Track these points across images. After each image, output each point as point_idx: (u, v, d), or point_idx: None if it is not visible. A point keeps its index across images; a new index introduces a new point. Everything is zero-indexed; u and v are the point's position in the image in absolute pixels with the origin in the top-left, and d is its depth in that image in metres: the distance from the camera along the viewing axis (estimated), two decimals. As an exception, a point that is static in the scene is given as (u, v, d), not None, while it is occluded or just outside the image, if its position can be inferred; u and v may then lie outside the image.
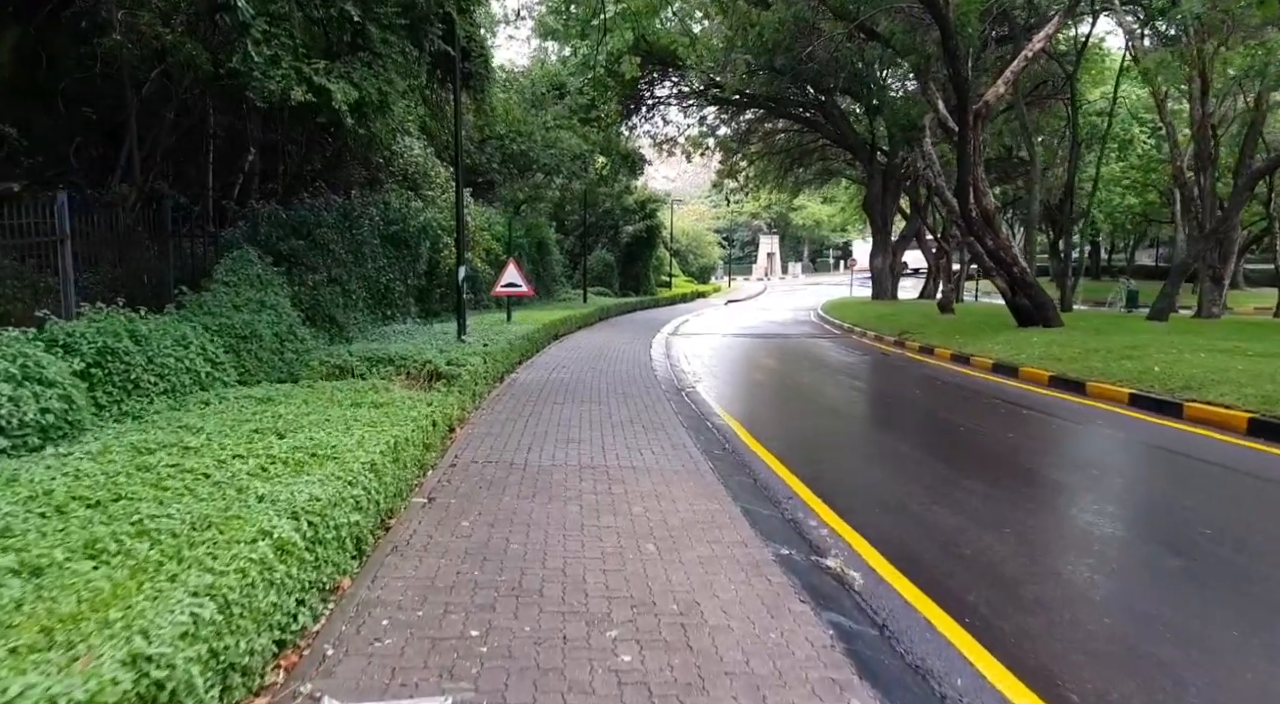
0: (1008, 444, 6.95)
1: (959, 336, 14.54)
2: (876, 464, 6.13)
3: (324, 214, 12.08)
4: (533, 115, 22.05)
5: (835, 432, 7.66)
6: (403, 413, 5.15)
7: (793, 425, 7.93)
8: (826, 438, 7.36)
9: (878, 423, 8.16)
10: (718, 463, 5.81)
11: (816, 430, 7.72)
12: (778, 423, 8.03)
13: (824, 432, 7.64)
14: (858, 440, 7.14)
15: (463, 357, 8.43)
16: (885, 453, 6.59)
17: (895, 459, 6.35)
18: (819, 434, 7.53)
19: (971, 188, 13.29)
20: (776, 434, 7.27)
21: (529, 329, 13.22)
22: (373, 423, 4.69)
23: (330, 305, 11.41)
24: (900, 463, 6.19)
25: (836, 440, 7.24)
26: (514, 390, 9.07)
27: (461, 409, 6.99)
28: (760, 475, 5.71)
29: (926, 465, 6.08)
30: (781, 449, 6.52)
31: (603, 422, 7.17)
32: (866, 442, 7.00)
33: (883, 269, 27.45)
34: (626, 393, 8.98)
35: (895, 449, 6.74)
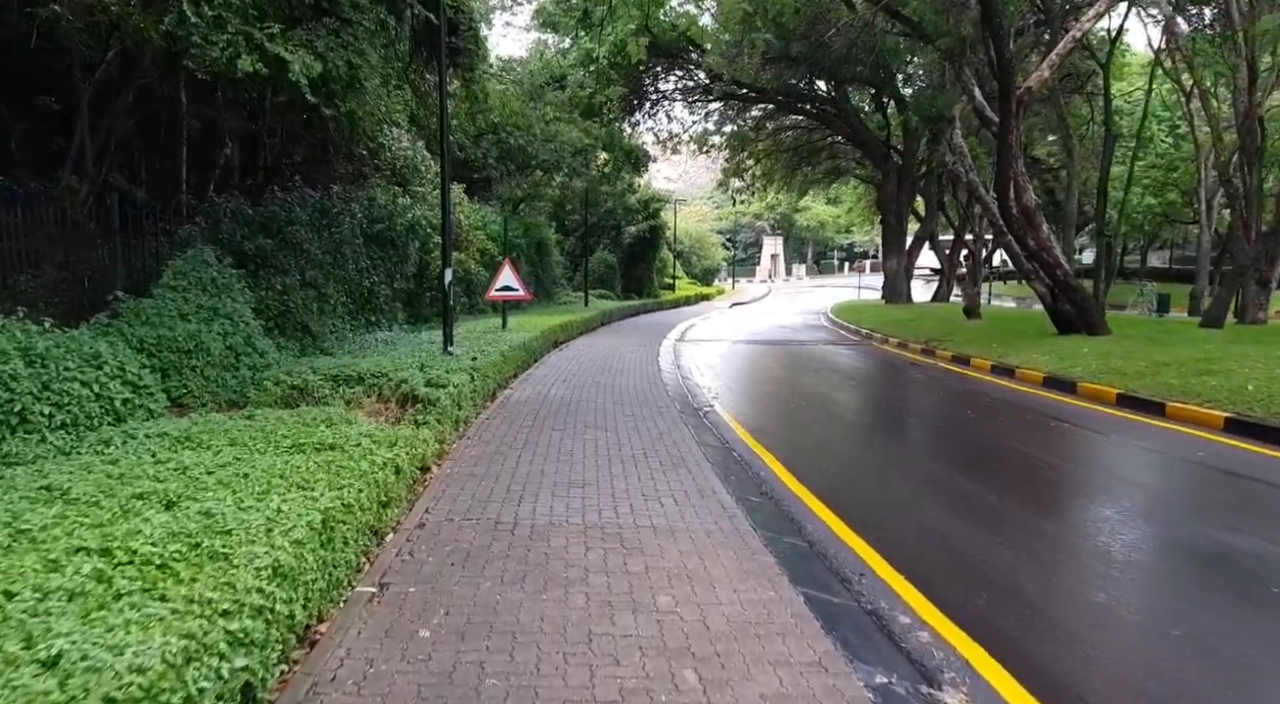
0: (1114, 489, 5.73)
1: (996, 345, 13.32)
2: (957, 516, 4.92)
3: (297, 210, 10.90)
4: (531, 107, 20.86)
5: (891, 467, 6.41)
6: (353, 463, 3.92)
7: (837, 458, 6.70)
8: (884, 477, 6.09)
9: (938, 455, 6.93)
10: (757, 516, 4.60)
11: (869, 466, 6.45)
12: (817, 453, 6.80)
13: (878, 468, 6.38)
14: (921, 479, 5.93)
15: (446, 374, 7.22)
16: (957, 497, 5.37)
17: (974, 507, 5.14)
18: (873, 471, 6.27)
19: (1012, 182, 12.07)
20: (818, 469, 6.05)
21: (526, 337, 12.02)
22: (307, 481, 3.48)
23: (302, 312, 10.22)
24: (984, 514, 4.97)
25: (897, 480, 5.98)
26: (507, 411, 7.86)
27: (441, 442, 5.79)
28: (814, 534, 4.50)
29: (1019, 519, 4.87)
30: (831, 493, 5.30)
31: (611, 455, 5.95)
32: (933, 482, 5.79)
33: (897, 271, 26.25)
34: (637, 415, 7.76)
35: (966, 491, 5.53)
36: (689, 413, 8.22)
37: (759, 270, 67.52)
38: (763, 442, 6.94)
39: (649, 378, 10.80)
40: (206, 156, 12.41)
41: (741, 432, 7.42)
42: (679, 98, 29.13)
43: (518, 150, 20.67)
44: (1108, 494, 5.48)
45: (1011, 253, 13.63)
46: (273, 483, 3.39)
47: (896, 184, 25.39)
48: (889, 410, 9.11)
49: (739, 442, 7.01)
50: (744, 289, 53.48)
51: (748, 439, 7.08)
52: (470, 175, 20.07)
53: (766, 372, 12.70)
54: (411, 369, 7.53)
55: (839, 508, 4.94)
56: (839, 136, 30.21)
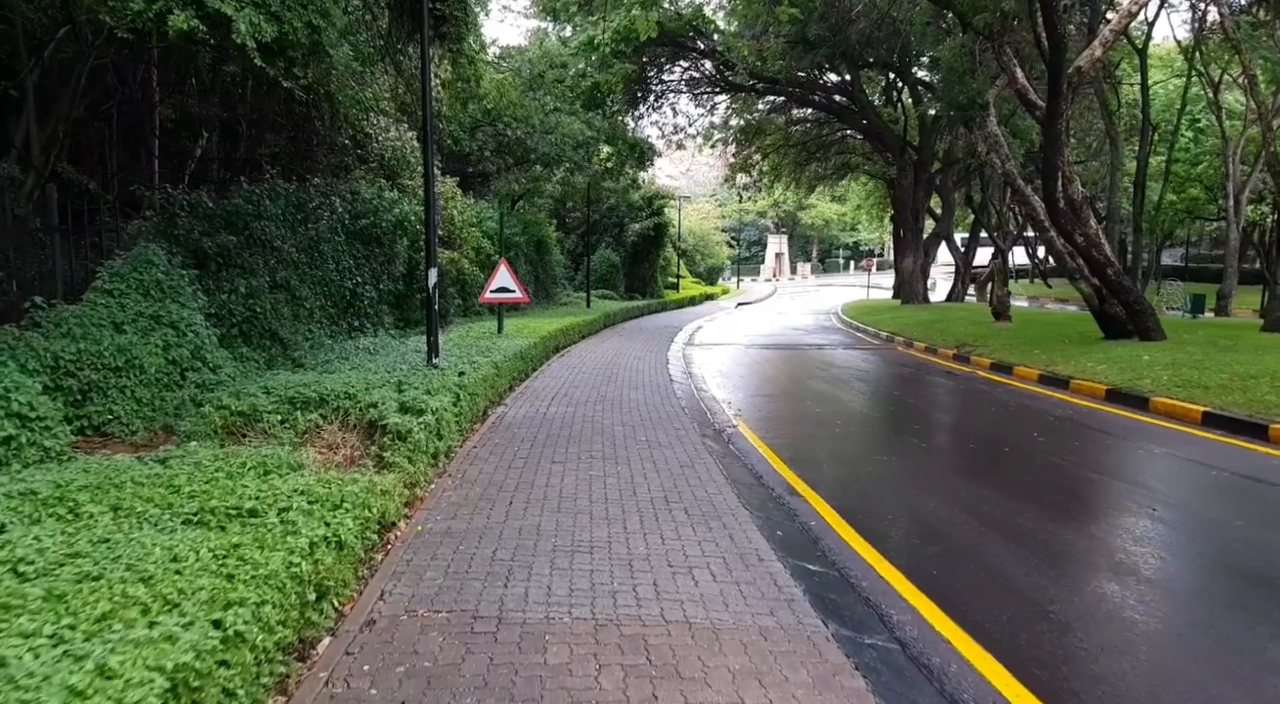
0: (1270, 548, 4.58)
1: (1038, 351, 12.16)
2: (1124, 607, 3.77)
3: (267, 204, 9.77)
4: (530, 98, 19.68)
5: (975, 516, 5.19)
6: (268, 550, 2.76)
7: (901, 501, 5.51)
8: (975, 534, 4.78)
9: (1026, 495, 5.74)
10: (824, 599, 3.45)
11: (948, 515, 4.98)
12: (873, 493, 5.63)
13: (960, 518, 5.03)
14: (1021, 537, 4.76)
15: (427, 395, 6.07)
16: (1094, 568, 4.22)
17: (1125, 582, 3.98)
18: (957, 524, 4.83)
19: (1060, 173, 10.91)
20: (880, 517, 4.89)
21: (523, 344, 10.87)
22: (183, 590, 2.33)
23: (271, 318, 9.09)
24: (1159, 605, 3.82)
25: (995, 542, 4.74)
26: (499, 435, 6.71)
27: (413, 486, 4.63)
28: (908, 630, 3.33)
29: (1189, 603, 3.71)
30: (914, 562, 4.14)
31: (625, 499, 4.80)
32: (1037, 540, 4.64)
33: (913, 270, 25.05)
34: (651, 440, 6.61)
35: (1083, 556, 4.37)
36: (710, 435, 7.07)
37: (763, 269, 66.29)
38: (801, 474, 5.79)
39: (660, 390, 9.66)
40: (183, 148, 11.33)
41: (774, 460, 6.26)
42: (684, 90, 27.96)
43: (516, 143, 19.50)
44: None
45: (1054, 250, 12.45)
46: (127, 597, 2.23)
47: (913, 179, 24.21)
48: (944, 432, 7.95)
49: (773, 474, 5.85)
50: (749, 288, 52.31)
51: (783, 471, 5.92)
52: (465, 169, 18.91)
53: (788, 381, 11.54)
54: (386, 388, 6.38)
55: (931, 587, 3.77)
56: (851, 130, 29.04)
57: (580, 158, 21.02)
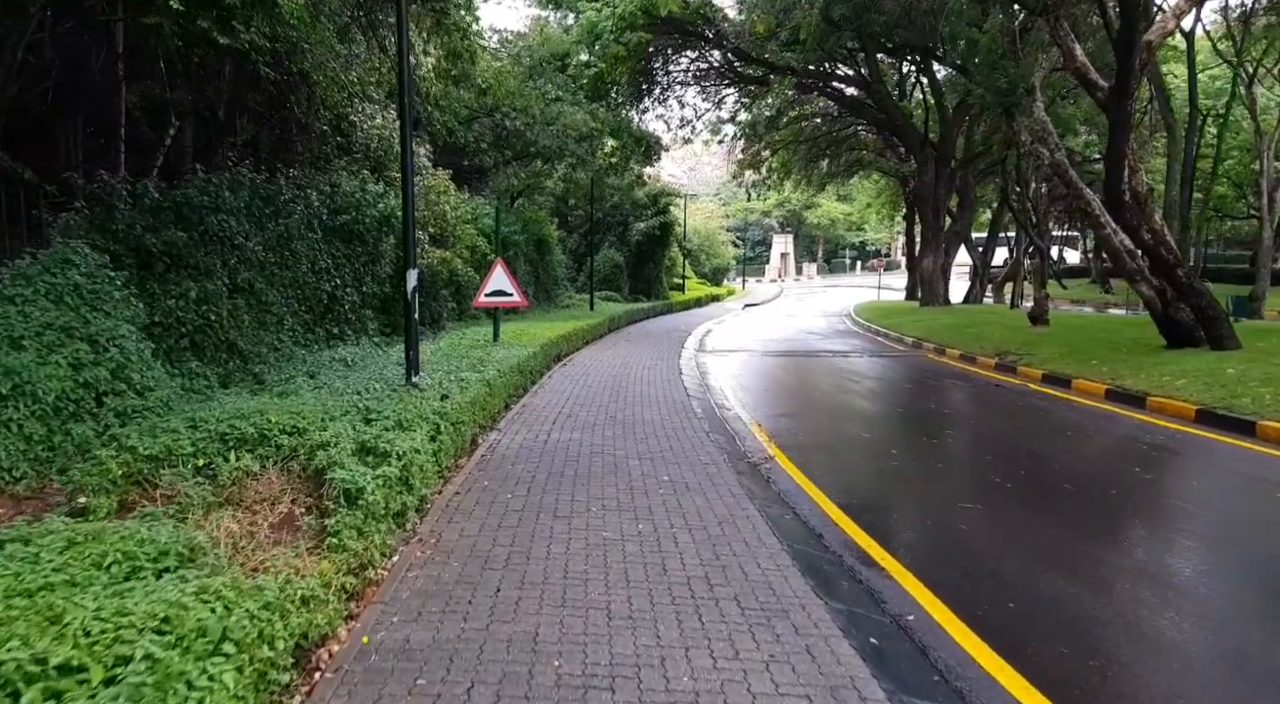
0: None
1: (1095, 361, 10.90)
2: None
3: (226, 195, 8.53)
4: (530, 86, 18.44)
5: (1148, 607, 3.93)
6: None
7: (1017, 573, 4.23)
8: (1179, 652, 3.51)
9: (1203, 579, 4.45)
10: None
11: (1106, 606, 3.67)
12: (978, 566, 4.36)
13: (1127, 609, 3.75)
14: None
15: (397, 427, 4.82)
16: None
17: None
18: (1125, 617, 3.56)
19: (1126, 161, 9.65)
20: (1008, 605, 3.64)
21: (521, 354, 9.62)
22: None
23: (229, 326, 7.85)
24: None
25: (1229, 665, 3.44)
26: (489, 475, 5.45)
27: (363, 569, 3.38)
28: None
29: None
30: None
31: (652, 585, 3.54)
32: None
33: (933, 270, 23.76)
34: (677, 480, 5.35)
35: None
36: (745, 472, 5.82)
37: (768, 269, 64.96)
38: (871, 530, 4.53)
39: (677, 408, 8.40)
40: (153, 138, 10.16)
41: (831, 509, 5.00)
42: (691, 82, 26.70)
43: (515, 135, 18.26)
44: None
45: (1110, 247, 11.18)
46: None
47: (934, 174, 22.93)
48: (1024, 464, 6.67)
49: (835, 532, 4.59)
50: (755, 289, 51.05)
51: (847, 526, 4.66)
52: (461, 162, 17.66)
53: (818, 396, 10.27)
54: (348, 418, 5.13)
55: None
56: (865, 125, 27.80)
57: (584, 152, 19.76)
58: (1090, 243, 47.81)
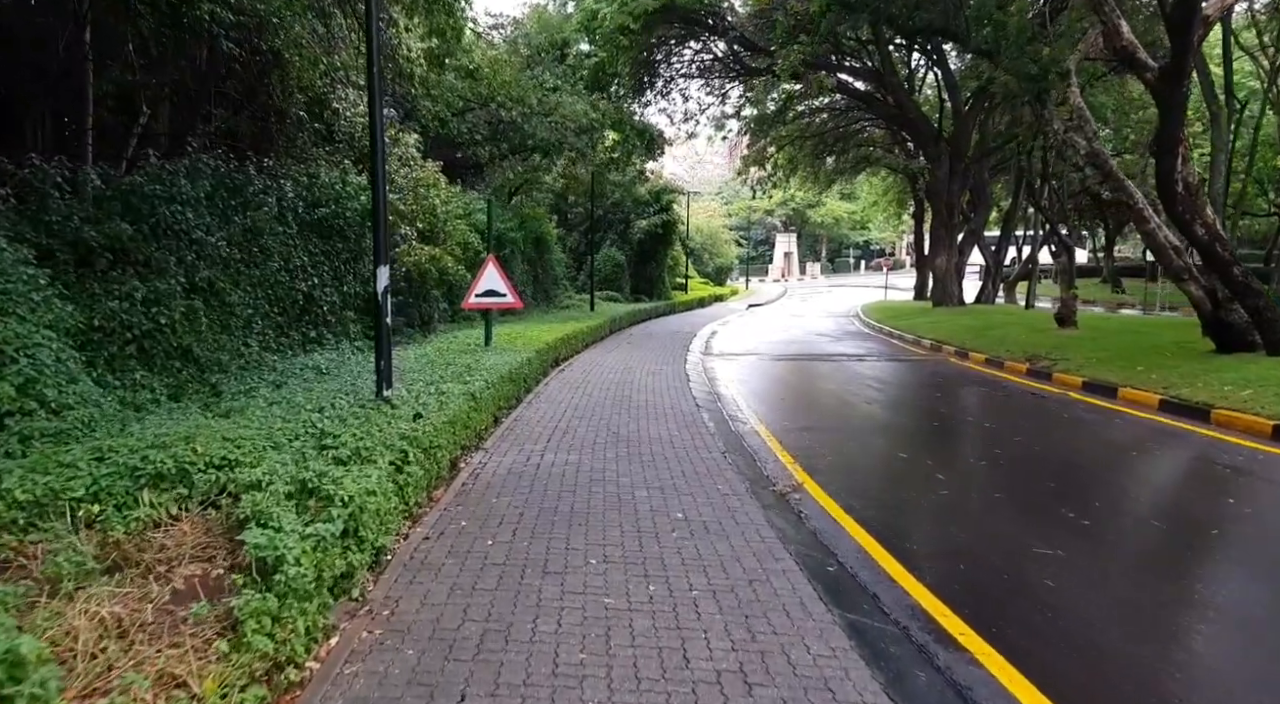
0: None
1: (1140, 367, 10.00)
2: None
3: (183, 184, 7.66)
4: (528, 76, 17.56)
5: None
6: None
7: (1167, 668, 3.32)
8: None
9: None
10: None
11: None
12: (1096, 657, 3.46)
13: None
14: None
15: (353, 458, 3.94)
16: None
17: None
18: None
19: (1180, 148, 8.75)
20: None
21: (514, 361, 8.74)
22: None
23: (183, 330, 6.97)
24: None
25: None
26: (467, 513, 4.56)
27: (280, 667, 2.50)
28: None
29: None
30: None
31: (672, 693, 2.65)
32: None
33: (947, 269, 22.87)
34: (693, 519, 4.47)
35: None
36: (772, 505, 4.93)
37: (772, 269, 64.00)
38: (940, 591, 3.64)
39: (687, 421, 7.52)
40: (122, 126, 9.32)
41: (883, 557, 4.11)
42: (695, 75, 25.80)
43: (511, 127, 17.36)
44: None
45: (1155, 244, 10.29)
46: None
47: (948, 170, 22.02)
48: (1101, 496, 5.77)
49: (895, 593, 3.70)
50: (758, 289, 50.15)
51: (908, 584, 3.76)
52: (453, 155, 16.77)
53: (838, 406, 9.38)
54: (296, 445, 4.25)
55: None
56: (876, 119, 26.90)
57: (583, 145, 18.87)
58: (1099, 242, 46.86)
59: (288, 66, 9.63)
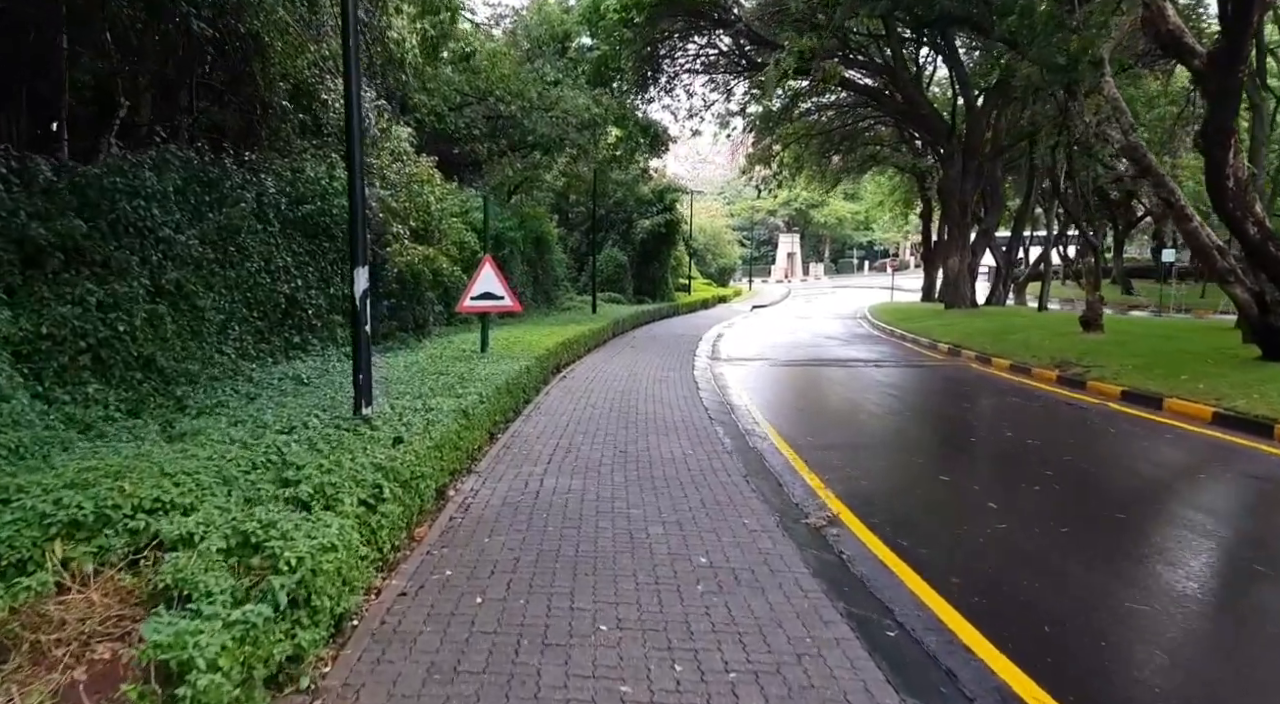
0: None
1: (1183, 376, 9.33)
2: None
3: (148, 176, 6.99)
4: (528, 70, 16.90)
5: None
6: None
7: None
8: None
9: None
10: None
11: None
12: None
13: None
14: None
15: (317, 497, 3.27)
16: None
17: None
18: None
19: (1231, 140, 8.08)
20: None
21: (512, 370, 8.06)
22: None
23: (145, 338, 6.31)
24: None
25: None
26: (452, 557, 3.88)
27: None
28: None
29: None
30: None
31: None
32: None
33: (959, 270, 22.20)
34: (720, 567, 3.79)
35: None
36: (808, 541, 4.26)
37: (774, 269, 63.33)
38: (1035, 673, 2.96)
39: (701, 437, 6.84)
40: (101, 118, 8.68)
41: (954, 620, 3.44)
42: (700, 71, 25.12)
43: (510, 122, 16.71)
44: None
45: (1197, 244, 9.61)
46: None
47: (961, 168, 21.35)
48: (1178, 537, 5.09)
49: (967, 663, 3.03)
50: (761, 290, 49.53)
51: (992, 658, 3.09)
52: (450, 151, 16.10)
53: (863, 418, 8.71)
54: (250, 480, 3.58)
55: None
56: (886, 116, 26.23)
57: (585, 141, 18.21)
58: (1108, 242, 46.17)
59: (269, 52, 8.97)
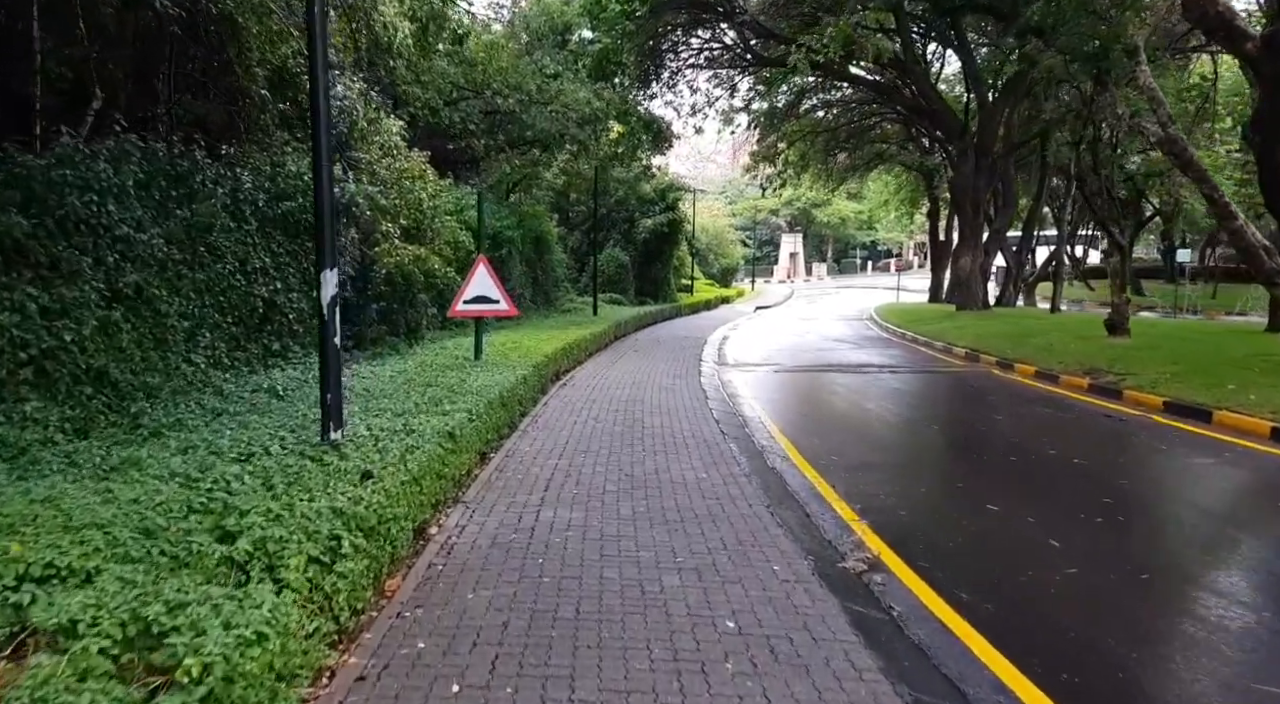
0: None
1: (1232, 386, 8.68)
2: None
3: (104, 168, 6.33)
4: (527, 62, 16.25)
5: None
6: None
7: None
8: None
9: None
10: None
11: None
12: None
13: None
14: None
15: (256, 557, 2.61)
16: None
17: None
18: None
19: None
20: None
21: (507, 382, 7.40)
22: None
23: (97, 349, 5.66)
24: None
25: None
26: (427, 623, 3.22)
27: None
28: None
29: None
30: None
31: None
32: None
33: (972, 271, 21.54)
34: (748, 629, 3.14)
35: None
36: (852, 596, 3.61)
37: (777, 270, 62.68)
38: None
39: (715, 458, 6.18)
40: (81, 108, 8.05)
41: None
42: (704, 66, 24.48)
43: (509, 118, 16.05)
44: None
45: (1243, 243, 8.97)
46: None
47: (974, 165, 20.69)
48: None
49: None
50: (764, 290, 48.88)
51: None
52: (445, 147, 15.45)
53: (889, 435, 8.05)
54: (171, 535, 2.92)
55: None
56: (891, 111, 25.57)
57: (586, 137, 17.54)
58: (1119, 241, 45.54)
59: (244, 36, 8.32)
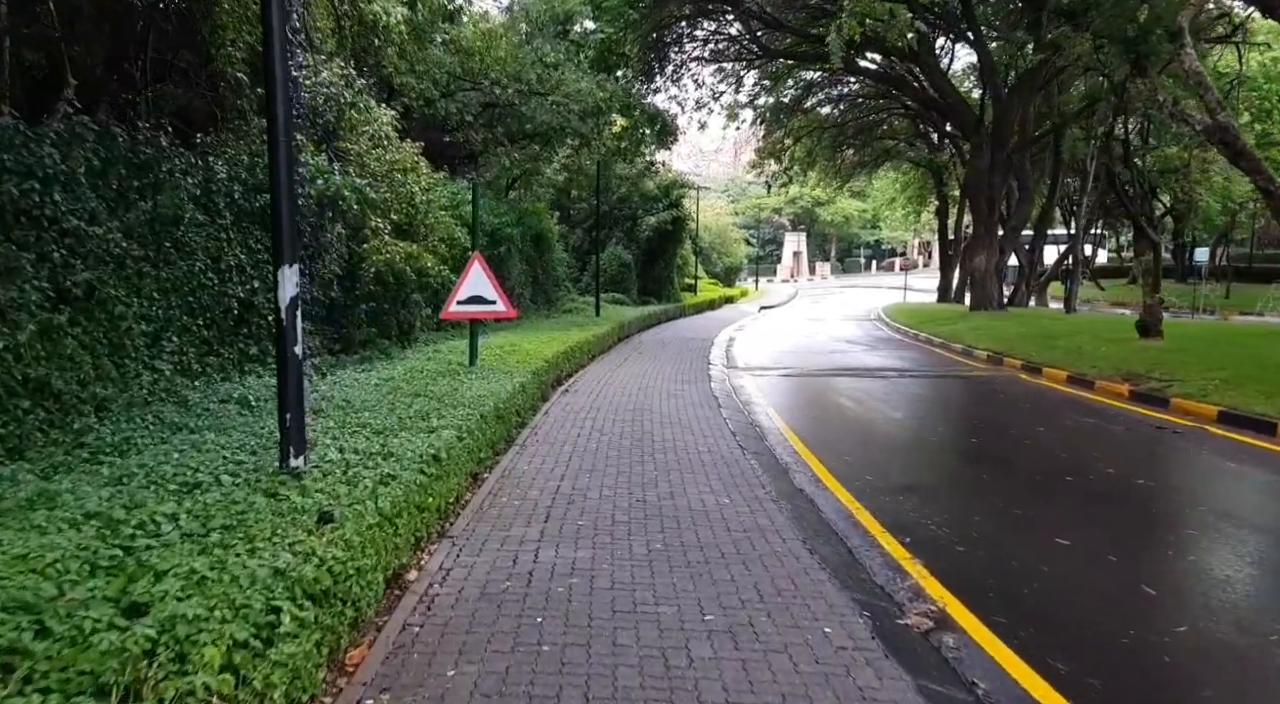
0: None
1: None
2: None
3: (49, 154, 5.62)
4: (527, 52, 15.56)
5: None
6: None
7: None
8: None
9: None
10: None
11: None
12: None
13: None
14: None
15: (163, 642, 1.93)
16: None
17: None
18: None
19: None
20: None
21: (504, 391, 6.71)
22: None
23: (36, 357, 4.97)
24: None
25: None
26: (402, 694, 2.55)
27: None
28: None
29: None
30: None
31: None
32: None
33: (987, 270, 20.83)
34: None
35: None
36: (923, 667, 2.92)
37: (780, 269, 62.01)
38: None
39: (736, 479, 5.49)
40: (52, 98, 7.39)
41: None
42: (708, 59, 23.78)
43: (508, 110, 15.37)
44: None
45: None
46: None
47: (989, 160, 19.98)
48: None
49: None
50: (769, 290, 48.20)
51: None
52: (441, 140, 14.76)
53: (925, 451, 7.35)
54: (56, 609, 2.23)
55: None
56: (908, 103, 24.86)
57: (588, 130, 16.84)
58: (1124, 239, 44.72)
59: (217, 14, 7.63)
